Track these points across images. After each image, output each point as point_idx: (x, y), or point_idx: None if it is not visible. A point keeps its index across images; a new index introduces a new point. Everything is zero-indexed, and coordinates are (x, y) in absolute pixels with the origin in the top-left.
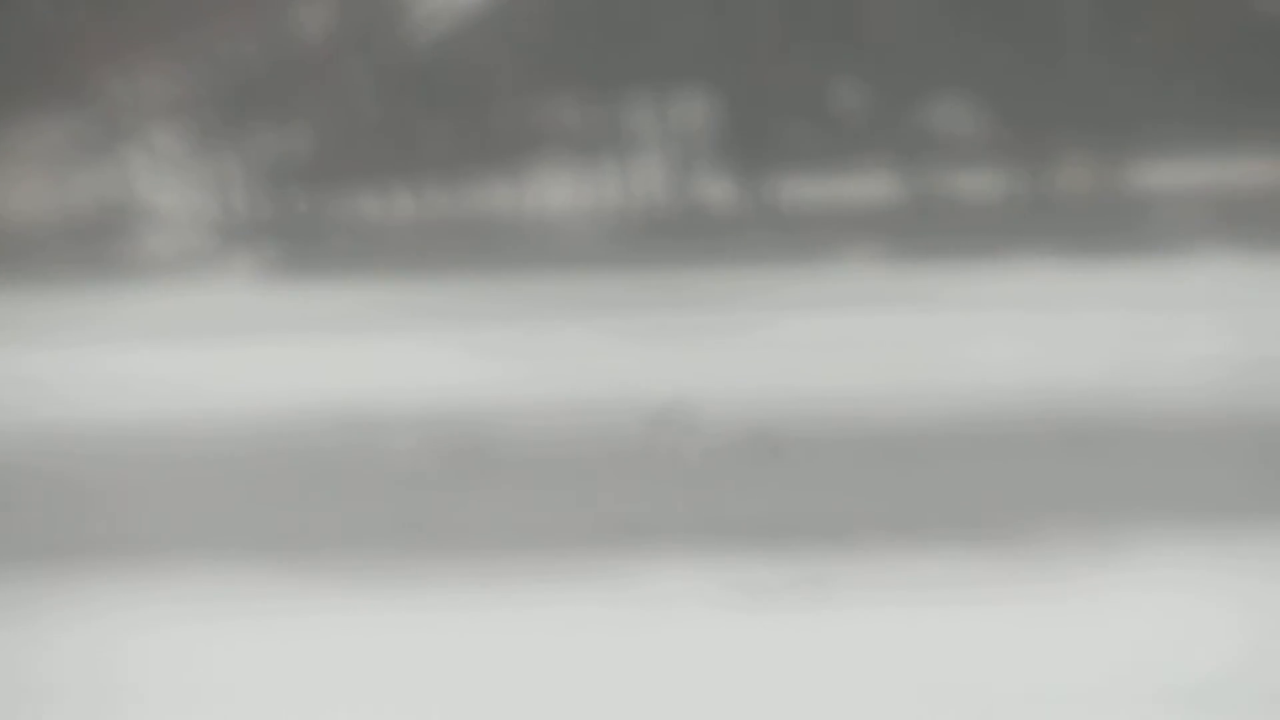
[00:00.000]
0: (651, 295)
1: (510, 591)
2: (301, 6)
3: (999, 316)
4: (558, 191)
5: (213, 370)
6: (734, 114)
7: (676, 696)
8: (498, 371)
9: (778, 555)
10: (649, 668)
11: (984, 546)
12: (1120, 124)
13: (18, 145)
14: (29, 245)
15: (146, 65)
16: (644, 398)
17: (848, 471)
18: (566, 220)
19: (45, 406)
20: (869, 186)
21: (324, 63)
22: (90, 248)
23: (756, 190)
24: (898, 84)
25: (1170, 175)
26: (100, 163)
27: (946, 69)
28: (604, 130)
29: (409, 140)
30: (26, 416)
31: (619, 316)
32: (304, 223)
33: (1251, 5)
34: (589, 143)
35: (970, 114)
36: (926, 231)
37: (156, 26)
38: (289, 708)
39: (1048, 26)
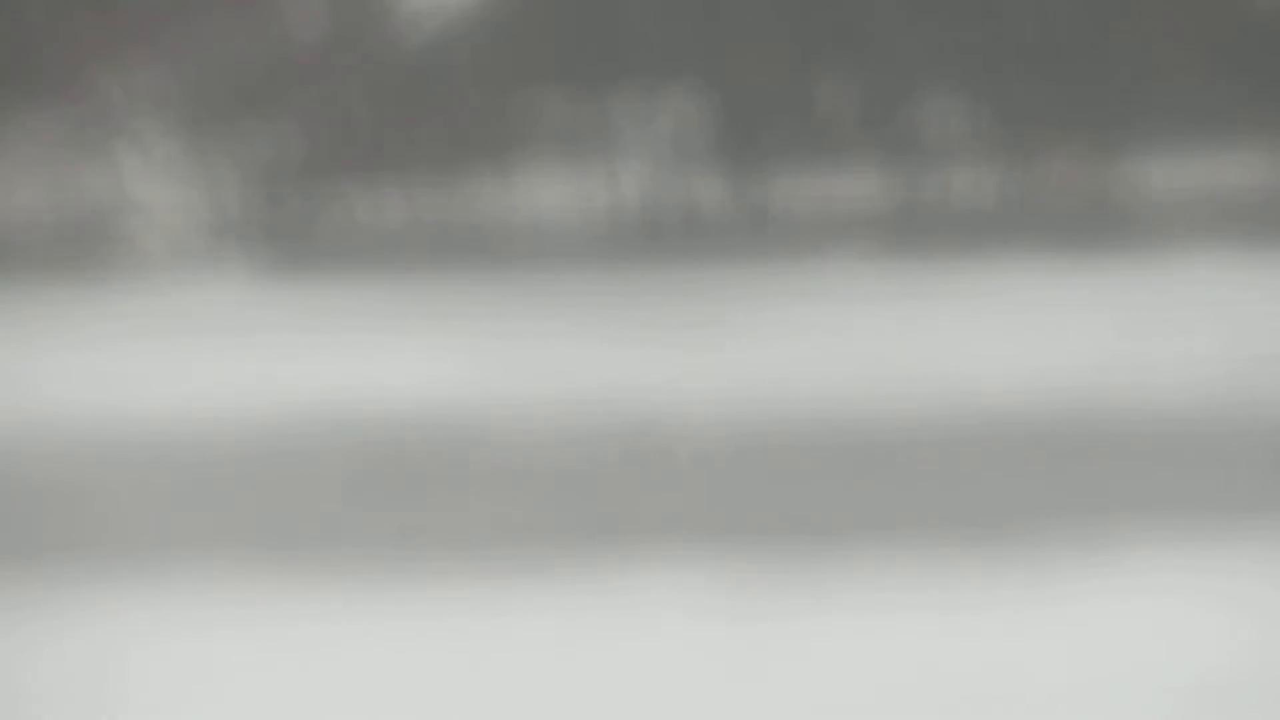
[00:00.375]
0: (641, 295)
1: (496, 595)
2: (292, 6)
3: (990, 314)
4: (547, 190)
5: (202, 369)
6: (724, 113)
7: (662, 701)
8: (485, 370)
9: (766, 558)
10: (632, 672)
11: (975, 548)
12: (1112, 121)
13: (6, 142)
14: (16, 243)
15: (138, 63)
16: (632, 398)
17: (838, 473)
18: (556, 219)
19: (30, 405)
20: (859, 185)
21: (314, 62)
22: (78, 246)
23: (746, 189)
24: (888, 82)
25: (1162, 173)
26: (90, 160)
27: (938, 67)
28: (593, 129)
29: (399, 139)
30: (12, 416)
31: (608, 316)
32: (294, 221)
33: (1244, 2)
34: (578, 142)
35: (961, 112)
36: (918, 230)
37: (147, 24)
38: (265, 711)
39: (1039, 25)
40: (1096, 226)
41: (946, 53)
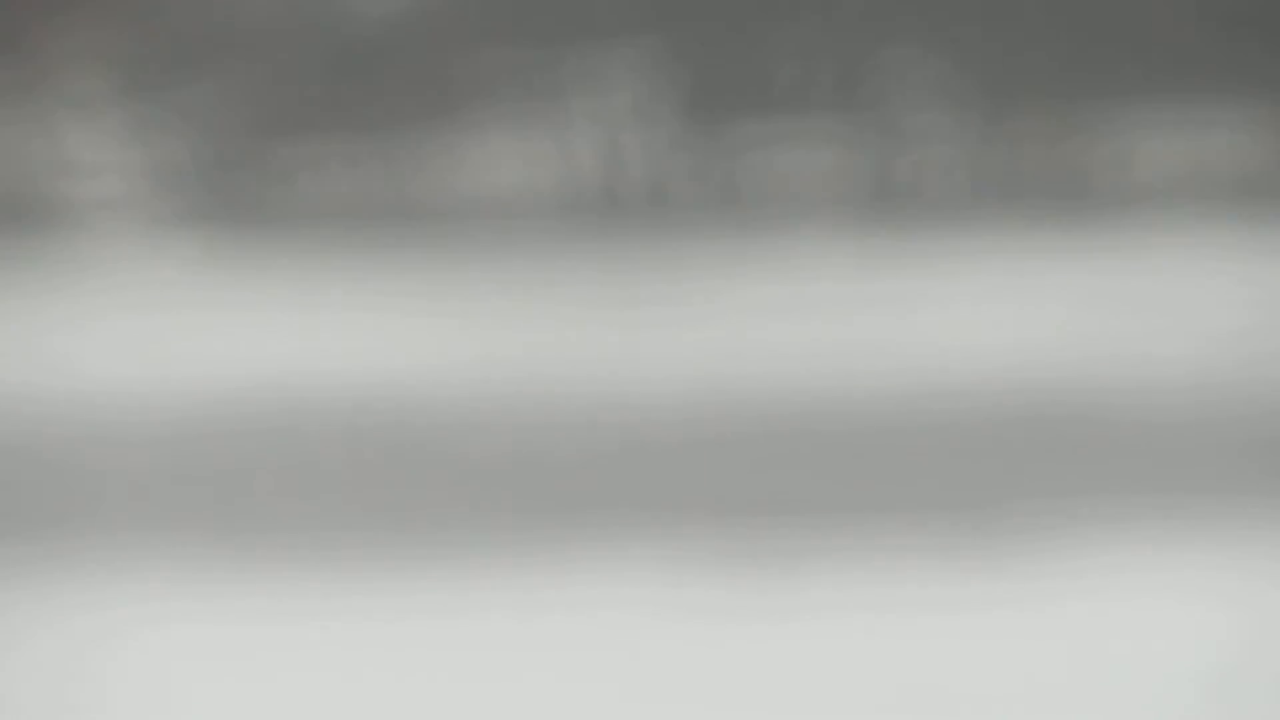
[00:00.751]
0: (600, 270)
1: (451, 583)
2: None
3: (963, 292)
4: (501, 160)
5: (143, 342)
6: (687, 81)
7: (631, 696)
8: (437, 347)
9: (732, 546)
10: (597, 666)
11: (955, 536)
12: (1091, 95)
13: None
14: None
15: (81, 25)
16: (593, 377)
17: (808, 456)
18: (510, 189)
19: None
20: (829, 158)
21: (259, 25)
22: (17, 212)
23: (710, 160)
24: (860, 52)
25: (1143, 149)
26: (30, 125)
27: (911, 36)
28: (550, 97)
29: (347, 105)
30: None
31: (566, 292)
32: (239, 188)
33: None
34: (534, 109)
35: (936, 84)
36: (889, 205)
37: None
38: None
39: None
40: (1074, 203)
41: (920, 21)
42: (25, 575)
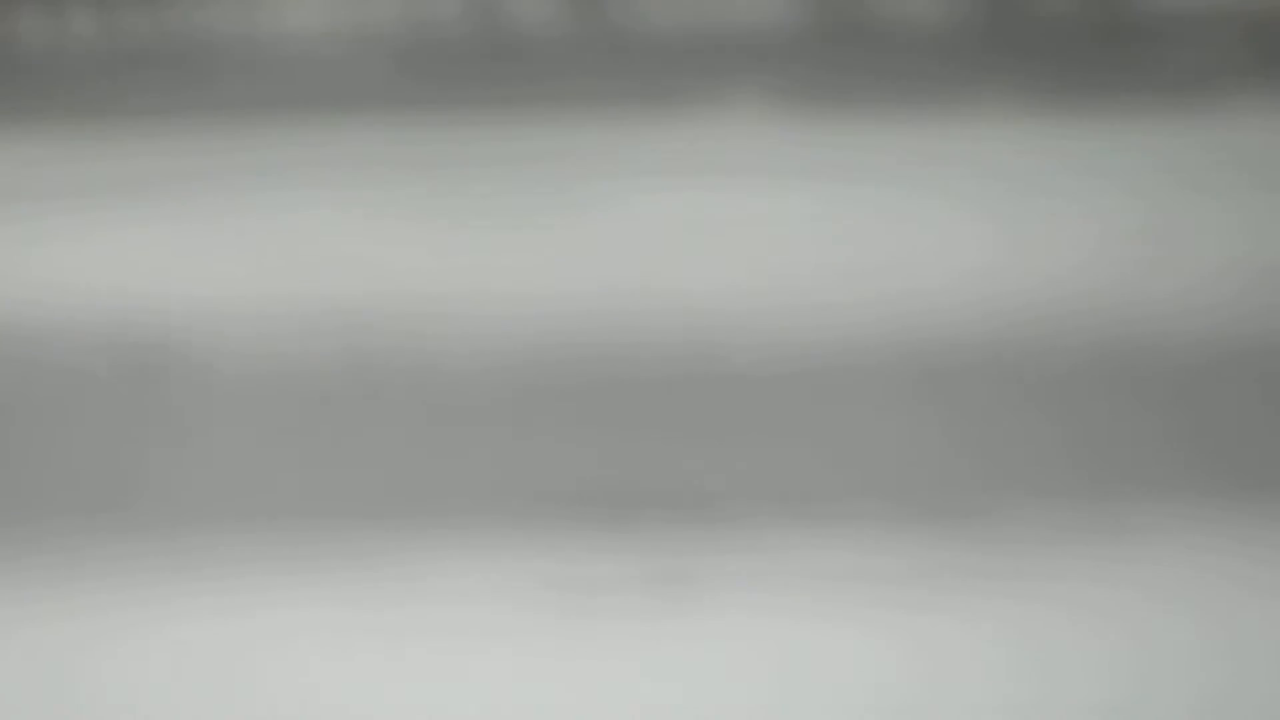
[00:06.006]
0: (443, 154)
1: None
2: None
3: (944, 189)
4: (308, 6)
5: None
6: None
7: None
8: (206, 259)
9: (620, 529)
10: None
11: (899, 519)
12: None
13: None
14: None
15: None
16: (410, 297)
17: (726, 411)
18: (320, 46)
19: None
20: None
21: None
22: None
23: (595, 3)
24: None
25: None
26: None
27: None
28: None
29: None
30: None
31: (393, 183)
32: None
33: None
34: None
35: None
36: (843, 67)
37: None
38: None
39: None
40: (1090, 64)
41: None
42: None
